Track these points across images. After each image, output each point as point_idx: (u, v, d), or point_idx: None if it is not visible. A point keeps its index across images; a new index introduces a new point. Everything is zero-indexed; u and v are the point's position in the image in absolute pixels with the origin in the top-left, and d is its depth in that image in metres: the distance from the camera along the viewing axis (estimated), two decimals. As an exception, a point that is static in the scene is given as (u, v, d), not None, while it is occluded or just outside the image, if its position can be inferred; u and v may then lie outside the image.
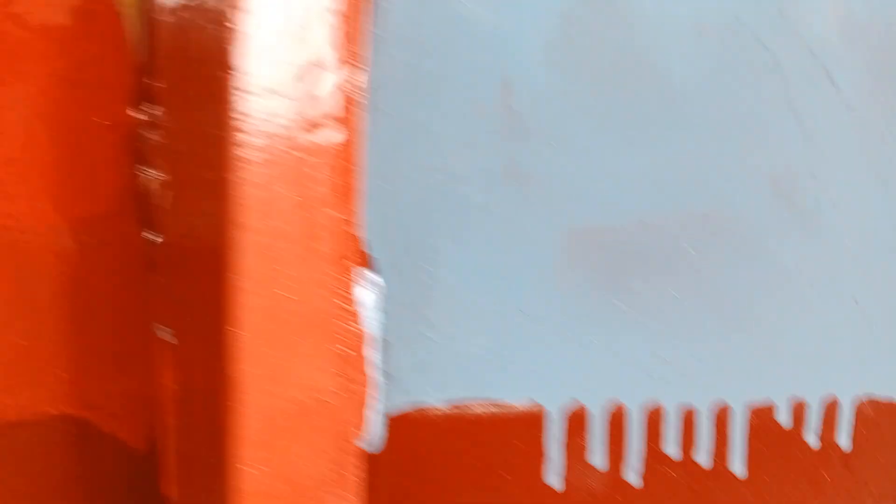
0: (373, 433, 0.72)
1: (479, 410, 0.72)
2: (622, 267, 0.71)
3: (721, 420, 0.74)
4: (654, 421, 0.73)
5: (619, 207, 0.70)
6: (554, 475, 0.73)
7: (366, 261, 0.69)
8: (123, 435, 0.75)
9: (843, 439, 0.74)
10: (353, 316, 0.69)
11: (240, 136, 0.59)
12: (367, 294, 0.70)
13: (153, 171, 0.69)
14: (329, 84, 0.64)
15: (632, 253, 0.71)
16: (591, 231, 0.70)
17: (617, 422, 0.73)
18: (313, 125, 0.62)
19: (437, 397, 0.71)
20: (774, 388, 0.73)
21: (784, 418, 0.74)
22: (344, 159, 0.65)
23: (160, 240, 0.68)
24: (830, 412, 0.74)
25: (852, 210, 0.72)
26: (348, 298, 0.68)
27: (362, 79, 0.66)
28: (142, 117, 0.68)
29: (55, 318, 0.71)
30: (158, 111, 0.68)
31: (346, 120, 0.65)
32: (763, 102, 0.70)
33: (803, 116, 0.70)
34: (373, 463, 0.72)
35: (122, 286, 0.72)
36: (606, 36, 0.68)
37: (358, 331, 0.70)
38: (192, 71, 0.64)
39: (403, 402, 0.71)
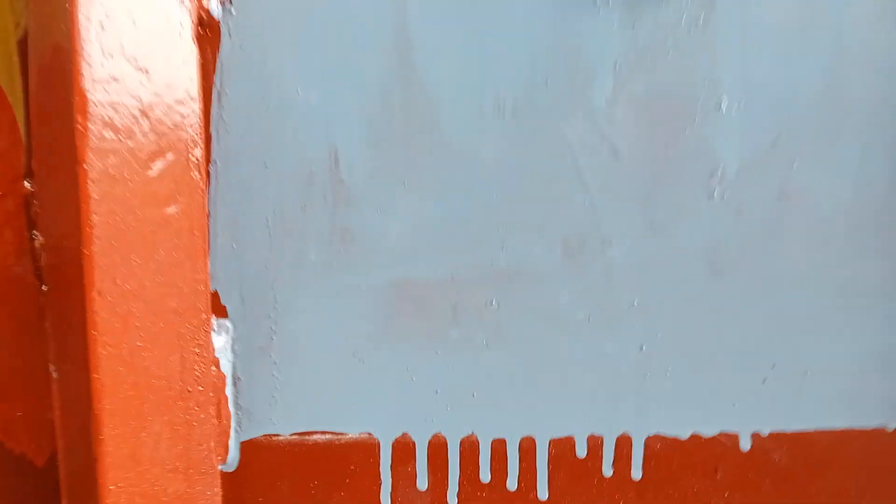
0: (229, 456, 0.84)
1: (319, 439, 0.84)
2: (439, 316, 0.82)
3: (528, 451, 0.85)
4: (470, 451, 0.85)
5: (433, 264, 0.82)
6: (385, 497, 0.85)
7: (218, 310, 0.82)
8: (28, 453, 0.88)
9: (636, 470, 0.85)
10: (209, 360, 0.81)
11: (95, 217, 0.72)
12: (220, 339, 0.82)
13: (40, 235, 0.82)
14: (177, 165, 0.77)
15: (446, 304, 0.82)
16: (411, 284, 0.82)
17: (439, 451, 0.85)
18: (163, 201, 0.75)
19: (282, 427, 0.83)
20: (574, 425, 0.84)
21: (581, 451, 0.84)
22: (192, 227, 0.78)
23: (46, 289, 0.82)
24: (624, 447, 0.85)
25: (634, 265, 0.83)
26: (204, 345, 0.80)
27: (207, 155, 0.79)
28: (32, 188, 0.82)
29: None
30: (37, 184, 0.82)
31: (192, 192, 0.78)
32: (555, 174, 0.82)
33: (589, 185, 0.82)
34: (229, 482, 0.84)
35: (23, 330, 0.85)
36: (417, 115, 0.81)
37: (215, 372, 0.83)
38: (56, 160, 0.77)
39: (254, 430, 0.83)
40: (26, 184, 0.84)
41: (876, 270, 0.88)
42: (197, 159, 0.79)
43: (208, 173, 0.82)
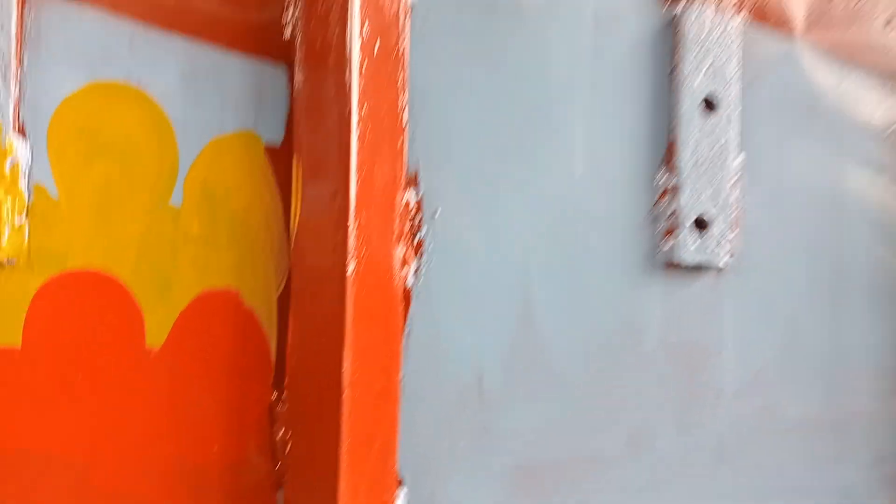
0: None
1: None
2: (553, 488, 1.22)
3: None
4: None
5: (542, 452, 1.22)
6: None
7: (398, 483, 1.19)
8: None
9: None
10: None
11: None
12: (399, 501, 1.19)
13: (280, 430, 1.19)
14: (381, 395, 1.16)
15: (564, 482, 1.22)
16: (527, 467, 1.21)
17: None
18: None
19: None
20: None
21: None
22: (389, 427, 1.16)
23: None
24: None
25: (672, 452, 1.25)
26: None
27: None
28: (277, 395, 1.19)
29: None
30: (283, 393, 1.19)
31: (392, 407, 1.16)
32: (625, 396, 1.24)
33: (642, 403, 1.25)
34: None
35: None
36: (535, 352, 1.22)
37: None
38: (304, 379, 1.15)
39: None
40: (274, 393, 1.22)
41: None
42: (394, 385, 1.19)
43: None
